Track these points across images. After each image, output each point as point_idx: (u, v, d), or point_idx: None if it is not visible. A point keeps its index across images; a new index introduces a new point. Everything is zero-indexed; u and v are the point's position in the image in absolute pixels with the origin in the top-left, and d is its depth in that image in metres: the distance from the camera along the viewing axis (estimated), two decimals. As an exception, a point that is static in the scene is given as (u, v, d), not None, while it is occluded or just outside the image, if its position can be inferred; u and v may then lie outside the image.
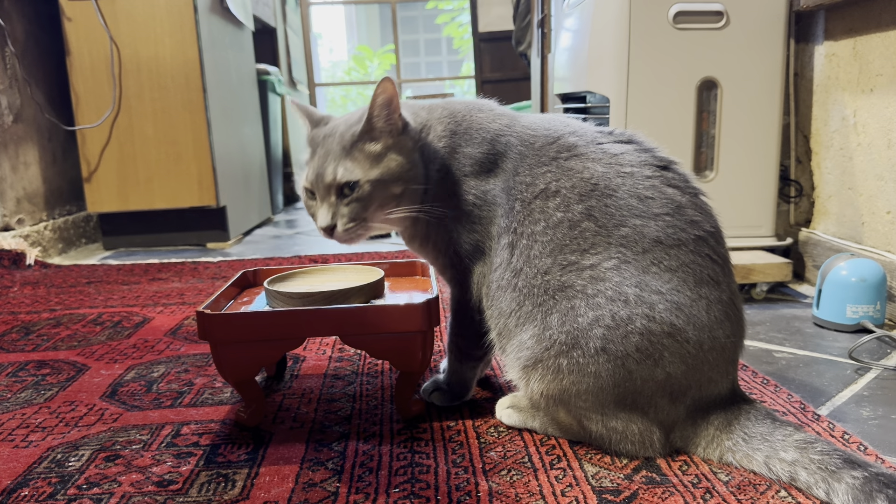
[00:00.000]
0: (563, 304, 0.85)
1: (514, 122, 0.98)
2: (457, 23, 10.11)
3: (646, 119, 1.63)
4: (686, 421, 0.87)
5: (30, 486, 0.86)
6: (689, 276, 0.83)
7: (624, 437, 0.86)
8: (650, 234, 0.84)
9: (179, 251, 2.55)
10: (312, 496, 0.81)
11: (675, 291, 0.82)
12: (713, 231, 0.87)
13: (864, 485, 0.72)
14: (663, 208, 0.85)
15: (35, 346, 1.43)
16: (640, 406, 0.85)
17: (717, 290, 0.84)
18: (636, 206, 0.85)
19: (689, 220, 0.85)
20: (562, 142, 0.92)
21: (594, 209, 0.86)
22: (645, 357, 0.82)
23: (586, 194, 0.87)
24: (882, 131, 1.49)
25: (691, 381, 0.84)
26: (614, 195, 0.86)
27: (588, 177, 0.88)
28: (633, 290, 0.82)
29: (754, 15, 1.61)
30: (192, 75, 2.47)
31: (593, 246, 0.85)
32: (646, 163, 0.89)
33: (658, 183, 0.87)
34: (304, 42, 4.87)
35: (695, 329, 0.82)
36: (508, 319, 0.91)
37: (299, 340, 0.98)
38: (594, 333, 0.82)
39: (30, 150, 2.49)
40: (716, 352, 0.84)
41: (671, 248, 0.84)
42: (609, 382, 0.83)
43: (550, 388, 0.87)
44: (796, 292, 1.69)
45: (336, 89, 8.96)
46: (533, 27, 3.42)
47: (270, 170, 3.38)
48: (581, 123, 0.97)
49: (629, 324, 0.81)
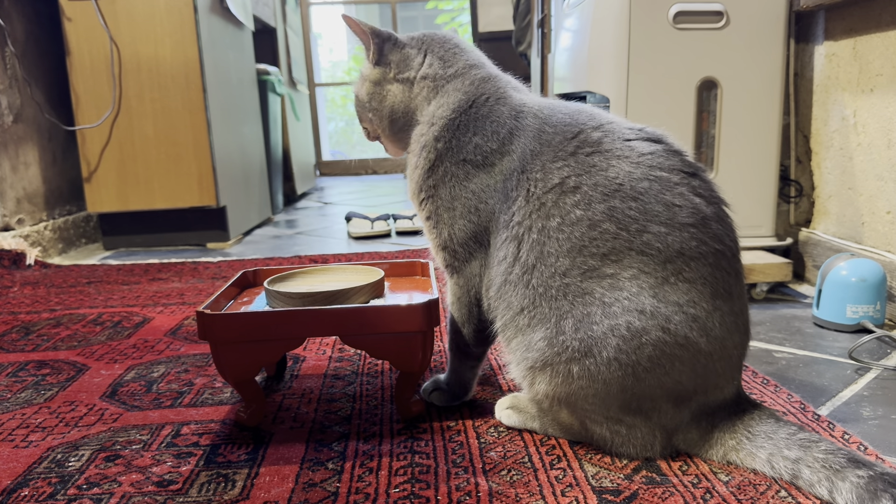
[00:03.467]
0: (579, 311, 0.83)
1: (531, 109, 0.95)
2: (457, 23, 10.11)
3: (646, 119, 1.62)
4: (690, 424, 0.86)
5: (30, 486, 0.86)
6: (707, 288, 0.82)
7: (627, 440, 0.86)
8: (674, 244, 0.81)
9: (179, 251, 2.55)
10: (312, 496, 0.81)
11: (692, 304, 0.81)
12: (732, 245, 0.85)
13: (869, 484, 0.72)
14: (689, 218, 0.82)
15: (35, 346, 1.43)
16: (644, 410, 0.84)
17: (731, 302, 0.83)
18: (662, 213, 0.82)
19: (713, 234, 0.83)
20: (584, 136, 0.88)
21: (617, 210, 0.83)
22: (655, 366, 0.81)
23: (610, 194, 0.83)
24: (882, 131, 1.49)
25: (698, 387, 0.84)
26: (640, 198, 0.83)
27: (613, 175, 0.84)
28: (650, 301, 0.80)
29: (754, 15, 1.61)
30: (192, 75, 2.47)
31: (613, 250, 0.82)
32: (675, 168, 0.85)
33: (686, 191, 0.84)
34: (304, 42, 4.87)
35: (707, 341, 0.81)
36: (519, 316, 0.88)
37: (299, 340, 0.98)
38: (609, 343, 0.81)
39: (30, 150, 2.49)
40: (724, 361, 0.84)
41: (692, 260, 0.81)
42: (617, 388, 0.82)
43: (558, 391, 0.86)
44: (796, 292, 1.69)
45: (336, 89, 8.95)
46: (533, 27, 3.42)
47: (270, 170, 3.38)
48: (610, 116, 0.93)
49: (644, 335, 0.80)
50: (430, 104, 0.99)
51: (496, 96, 0.97)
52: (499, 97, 0.96)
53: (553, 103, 0.97)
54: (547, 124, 0.92)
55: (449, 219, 0.95)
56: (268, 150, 3.34)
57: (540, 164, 0.88)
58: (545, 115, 0.93)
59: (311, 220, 3.27)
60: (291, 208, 3.75)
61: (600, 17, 1.75)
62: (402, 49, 1.02)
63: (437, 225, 0.97)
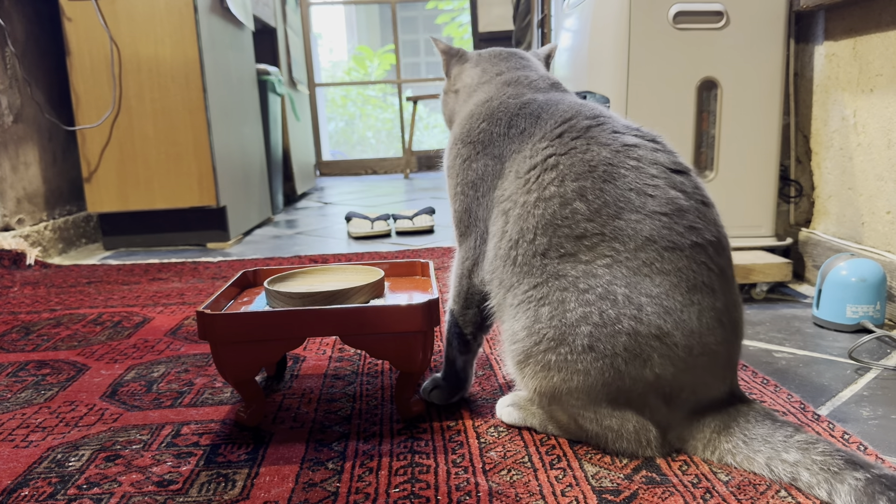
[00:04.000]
0: (555, 295, 0.85)
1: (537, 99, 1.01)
2: (457, 23, 10.10)
3: (646, 119, 1.62)
4: (683, 423, 0.86)
5: (30, 486, 0.86)
6: (682, 281, 0.82)
7: (620, 436, 0.86)
8: (644, 231, 0.82)
9: (179, 251, 2.55)
10: (312, 496, 0.81)
11: (666, 295, 0.81)
12: (713, 241, 0.85)
13: (867, 486, 0.72)
14: (662, 208, 0.84)
15: (35, 346, 1.43)
16: (633, 405, 0.85)
17: (712, 297, 0.83)
18: (633, 200, 0.84)
19: (689, 226, 0.84)
20: (573, 122, 0.92)
21: (587, 190, 0.85)
22: (633, 357, 0.81)
23: (583, 174, 0.86)
24: (882, 131, 1.49)
25: (683, 383, 0.84)
26: (612, 182, 0.85)
27: (589, 158, 0.87)
28: (622, 289, 0.82)
29: (754, 15, 1.61)
30: (193, 75, 2.47)
31: (586, 233, 0.84)
32: (656, 162, 0.87)
33: (663, 183, 0.85)
34: (304, 42, 4.87)
35: (683, 334, 0.81)
36: (507, 294, 0.91)
37: (299, 340, 0.98)
38: (581, 331, 0.82)
39: (30, 150, 2.49)
40: (707, 357, 0.83)
41: (665, 251, 0.82)
42: (598, 381, 0.83)
43: (542, 385, 0.87)
44: (796, 292, 1.69)
45: (336, 89, 8.95)
46: (533, 27, 3.42)
47: (270, 170, 3.38)
48: (611, 114, 0.96)
49: (616, 323, 0.81)
50: (466, 103, 1.10)
51: (511, 94, 1.04)
52: (513, 94, 1.03)
53: (565, 98, 1.00)
54: (546, 112, 0.96)
55: (454, 194, 1.03)
56: (268, 150, 3.34)
57: (531, 145, 0.93)
58: (549, 106, 0.97)
59: (311, 220, 3.27)
60: (291, 208, 3.75)
61: (600, 17, 1.75)
62: (463, 64, 1.16)
63: (451, 200, 1.05)
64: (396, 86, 5.92)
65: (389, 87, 7.85)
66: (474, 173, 0.99)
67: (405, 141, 5.21)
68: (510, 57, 1.13)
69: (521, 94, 1.03)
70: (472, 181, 0.99)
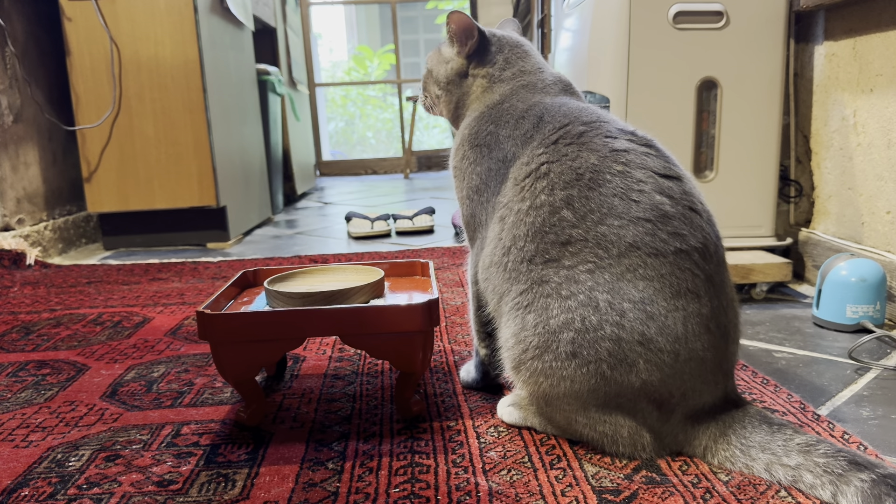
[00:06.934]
0: (539, 302, 0.85)
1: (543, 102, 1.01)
2: (457, 23, 10.08)
3: (646, 119, 1.63)
4: (678, 429, 0.86)
5: (30, 486, 0.86)
6: (666, 286, 0.81)
7: (614, 441, 0.86)
8: (627, 237, 0.82)
9: (179, 251, 2.55)
10: (312, 496, 0.81)
11: (649, 301, 0.81)
12: (699, 247, 0.84)
13: (874, 488, 0.71)
14: (645, 213, 0.83)
15: (35, 346, 1.43)
16: (625, 410, 0.85)
17: (697, 303, 0.82)
18: (617, 206, 0.83)
19: (673, 232, 0.83)
20: (569, 128, 0.92)
21: (574, 199, 0.85)
22: (618, 362, 0.81)
23: (570, 182, 0.87)
24: (882, 131, 1.49)
25: (672, 389, 0.83)
26: (598, 189, 0.85)
27: (577, 165, 0.87)
28: (605, 295, 0.81)
29: (754, 15, 1.61)
30: (192, 75, 2.47)
31: (571, 240, 0.84)
32: (644, 166, 0.86)
33: (649, 188, 0.84)
34: (304, 42, 4.87)
35: (668, 339, 0.81)
36: (501, 301, 0.92)
37: (299, 340, 0.98)
38: (564, 337, 0.82)
39: (30, 150, 2.49)
40: (694, 362, 0.83)
41: (649, 257, 0.82)
42: (584, 387, 0.83)
43: (534, 390, 0.88)
44: (796, 292, 1.69)
45: (336, 89, 8.95)
46: (533, 27, 3.42)
47: (270, 170, 3.38)
48: (609, 117, 0.96)
49: (599, 329, 0.81)
50: (479, 101, 1.08)
51: (521, 97, 1.03)
52: (523, 97, 1.02)
53: (569, 102, 0.99)
54: (549, 116, 0.96)
55: (461, 198, 1.04)
56: (268, 150, 3.34)
57: (529, 151, 0.94)
58: (552, 110, 0.97)
59: (311, 220, 3.27)
60: (291, 208, 3.75)
61: (600, 17, 1.75)
62: (487, 48, 1.08)
63: (460, 203, 1.05)
64: (396, 86, 5.92)
65: (389, 87, 7.85)
66: (478, 178, 1.00)
67: (405, 141, 5.21)
68: (526, 56, 1.08)
69: (531, 97, 1.02)
70: (476, 186, 1.00)
